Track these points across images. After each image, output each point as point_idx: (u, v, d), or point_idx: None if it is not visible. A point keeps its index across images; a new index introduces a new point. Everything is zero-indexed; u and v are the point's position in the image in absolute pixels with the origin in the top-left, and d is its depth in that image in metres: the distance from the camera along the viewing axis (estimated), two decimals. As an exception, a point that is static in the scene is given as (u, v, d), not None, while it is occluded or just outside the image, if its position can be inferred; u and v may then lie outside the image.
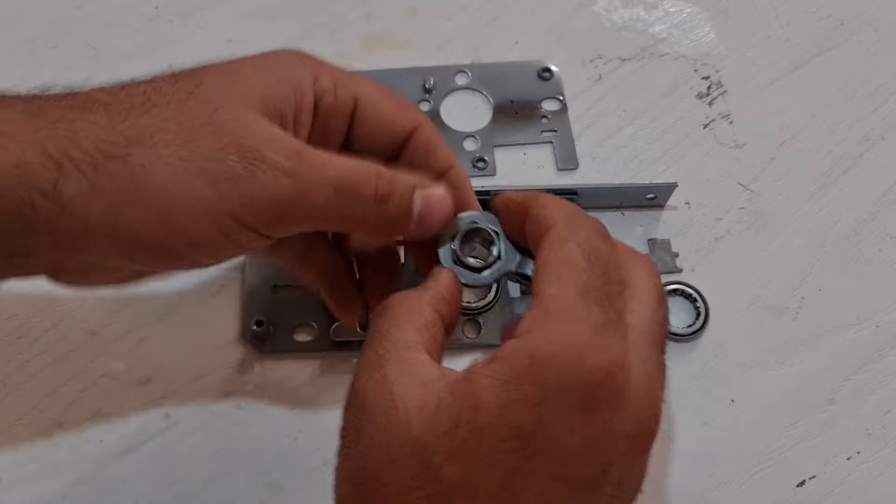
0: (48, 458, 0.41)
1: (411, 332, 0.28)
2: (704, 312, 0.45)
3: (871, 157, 0.51)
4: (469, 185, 0.35)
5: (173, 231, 0.27)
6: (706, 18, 0.57)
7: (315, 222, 0.30)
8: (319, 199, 0.28)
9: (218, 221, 0.27)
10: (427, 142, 0.33)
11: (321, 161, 0.29)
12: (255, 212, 0.28)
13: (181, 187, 0.27)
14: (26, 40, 0.54)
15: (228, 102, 0.29)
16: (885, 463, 0.43)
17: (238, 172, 0.27)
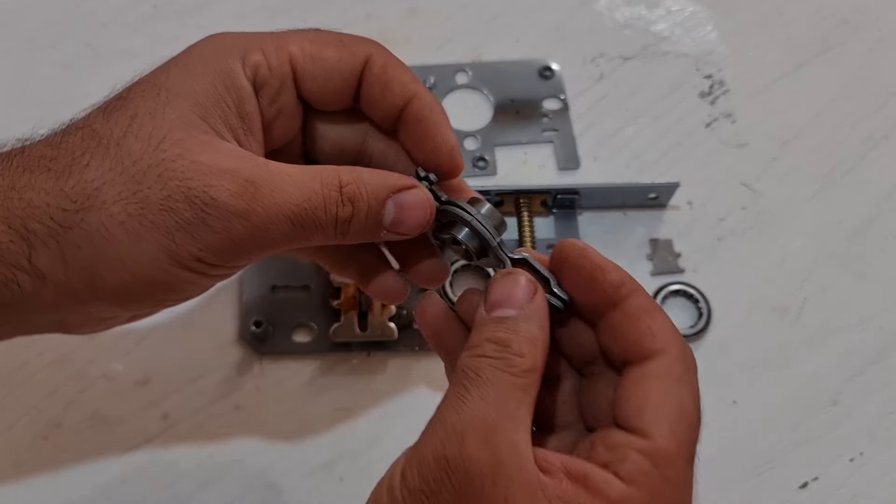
0: (47, 459, 0.41)
1: (521, 427, 0.24)
2: (707, 313, 0.45)
3: (875, 157, 0.51)
4: (441, 116, 0.31)
5: (149, 283, 0.28)
6: (708, 17, 0.56)
7: (277, 250, 0.29)
8: (277, 234, 0.28)
9: (185, 265, 0.27)
10: (380, 75, 0.31)
11: (274, 193, 0.27)
12: (215, 253, 0.27)
13: (141, 245, 0.27)
14: (25, 40, 0.54)
15: (168, 132, 0.27)
16: (887, 464, 0.42)
17: (190, 221, 0.27)
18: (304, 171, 0.28)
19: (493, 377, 0.24)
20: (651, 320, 0.26)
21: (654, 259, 0.47)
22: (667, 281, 0.46)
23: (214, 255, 0.27)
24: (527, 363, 0.25)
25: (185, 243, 0.27)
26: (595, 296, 0.27)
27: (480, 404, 0.24)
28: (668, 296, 0.46)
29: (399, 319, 0.44)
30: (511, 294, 0.26)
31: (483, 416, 0.24)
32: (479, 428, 0.23)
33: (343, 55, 0.30)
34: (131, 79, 0.31)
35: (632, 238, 0.48)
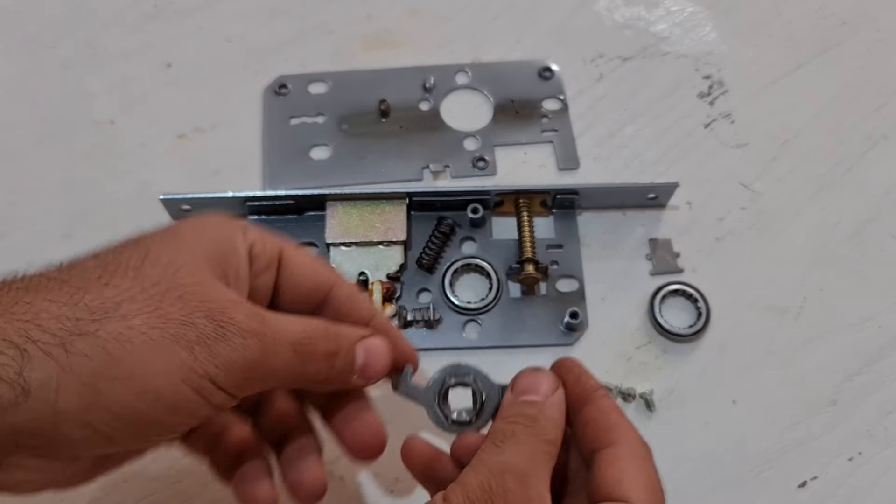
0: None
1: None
2: (706, 313, 0.45)
3: (874, 157, 0.51)
4: (396, 329, 0.36)
5: (154, 400, 0.27)
6: (708, 17, 0.56)
7: (275, 381, 0.31)
8: (281, 360, 0.30)
9: (195, 384, 0.28)
10: (349, 294, 0.34)
11: (279, 322, 0.30)
12: (228, 372, 0.28)
13: (159, 355, 0.27)
14: (26, 40, 0.54)
15: (183, 265, 0.29)
16: (886, 464, 0.42)
17: (210, 335, 0.28)
18: (294, 317, 0.31)
19: (525, 438, 0.30)
20: (618, 415, 0.32)
21: (654, 259, 0.47)
22: (666, 281, 0.46)
23: (226, 375, 0.28)
24: (550, 436, 0.31)
25: (202, 357, 0.28)
26: (579, 392, 0.33)
27: (517, 455, 0.30)
28: (667, 295, 0.46)
29: (399, 319, 0.44)
30: (538, 384, 0.33)
31: (519, 464, 0.29)
32: (516, 471, 0.29)
33: (321, 267, 0.34)
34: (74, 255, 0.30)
35: (631, 238, 0.48)
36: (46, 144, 0.51)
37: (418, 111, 0.52)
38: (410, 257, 0.46)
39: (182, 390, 0.27)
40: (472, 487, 0.28)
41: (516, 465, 0.29)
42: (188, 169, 0.50)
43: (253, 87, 0.53)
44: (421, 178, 0.50)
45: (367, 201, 0.46)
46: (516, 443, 0.30)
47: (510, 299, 0.46)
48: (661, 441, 0.43)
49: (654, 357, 0.45)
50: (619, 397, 0.43)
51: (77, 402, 0.26)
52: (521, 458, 0.30)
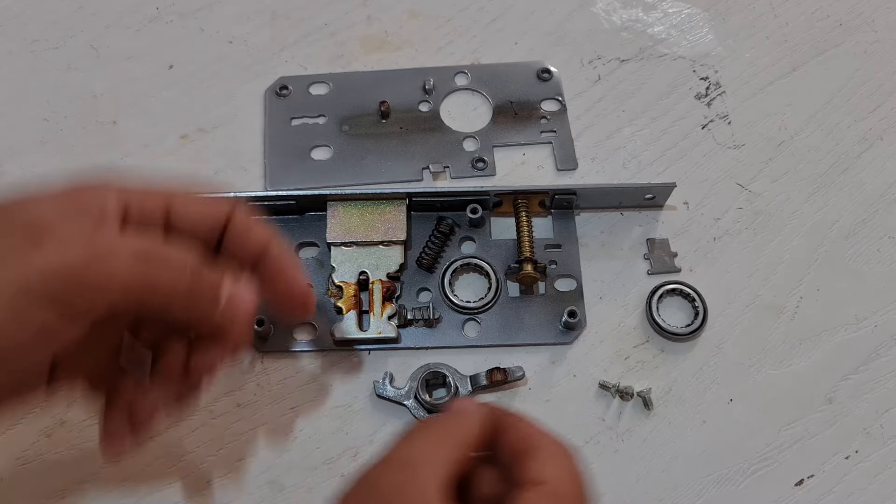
0: (49, 458, 0.42)
1: (442, 471, 0.28)
2: (703, 312, 0.45)
3: (870, 157, 0.51)
4: (291, 258, 0.35)
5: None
6: (705, 19, 0.57)
7: (118, 293, 0.28)
8: (119, 266, 0.27)
9: (10, 303, 0.25)
10: (241, 228, 0.33)
11: (120, 235, 0.28)
12: (47, 281, 0.26)
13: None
14: (28, 41, 0.55)
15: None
16: (882, 462, 0.43)
17: (25, 247, 0.26)
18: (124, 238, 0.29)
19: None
20: (538, 427, 0.30)
21: (651, 259, 0.48)
22: (663, 280, 0.47)
23: (44, 283, 0.26)
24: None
25: (16, 268, 0.26)
26: (498, 418, 0.31)
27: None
28: (664, 295, 0.46)
29: (399, 319, 0.45)
30: (461, 404, 0.31)
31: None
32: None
33: (209, 209, 0.33)
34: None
35: (629, 238, 0.48)
36: (50, 145, 0.51)
37: (418, 112, 0.53)
38: (410, 257, 0.47)
39: (17, 306, 0.25)
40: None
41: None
42: (190, 169, 0.50)
43: (254, 88, 0.53)
44: (421, 178, 0.50)
45: (367, 201, 0.46)
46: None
47: (509, 298, 0.46)
48: (659, 439, 0.43)
49: (652, 356, 0.45)
50: (617, 396, 0.44)
51: None
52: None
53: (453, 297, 0.46)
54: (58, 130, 0.52)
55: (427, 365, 0.43)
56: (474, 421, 0.30)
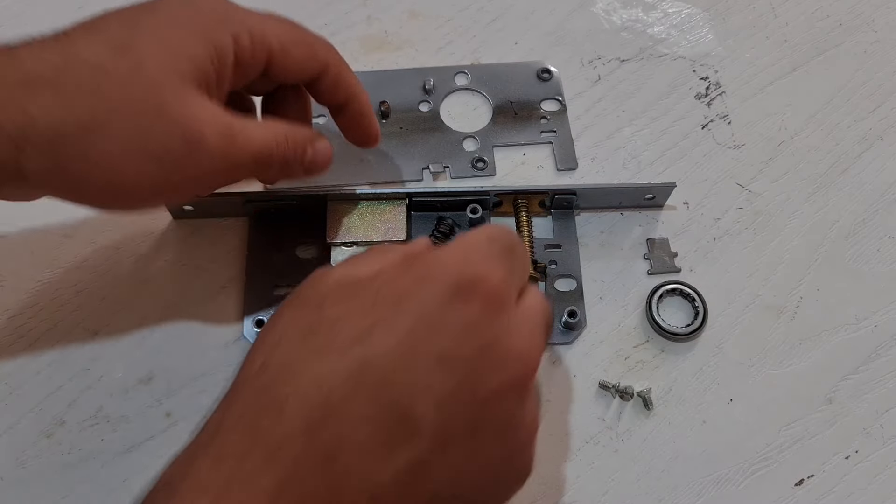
0: (49, 457, 0.42)
1: (376, 258, 0.32)
2: (703, 312, 0.46)
3: (870, 157, 0.51)
4: (369, 108, 0.43)
5: (123, 199, 0.35)
6: (705, 19, 0.57)
7: (235, 181, 0.38)
8: (242, 171, 0.37)
9: (159, 190, 0.34)
10: (334, 78, 0.40)
11: (246, 139, 0.35)
12: (192, 183, 0.35)
13: (133, 167, 0.33)
14: (28, 42, 0.55)
15: (168, 79, 0.33)
16: (883, 462, 0.43)
17: (182, 154, 0.33)
18: (259, 124, 0.37)
19: None
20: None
21: (651, 259, 0.48)
22: (663, 280, 0.47)
23: (189, 184, 0.35)
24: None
25: (171, 171, 0.33)
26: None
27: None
28: (664, 295, 0.46)
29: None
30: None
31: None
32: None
33: (310, 57, 0.39)
34: (62, 32, 0.35)
35: (629, 238, 0.48)
36: (49, 145, 0.51)
37: (418, 112, 0.53)
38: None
39: (147, 195, 0.35)
40: None
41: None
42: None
43: (254, 88, 0.53)
44: (421, 178, 0.50)
45: (367, 201, 0.46)
46: None
47: (509, 298, 0.46)
48: (659, 439, 0.43)
49: (652, 356, 0.45)
50: (617, 396, 0.44)
51: (63, 189, 0.34)
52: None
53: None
54: (58, 130, 0.51)
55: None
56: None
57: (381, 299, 0.29)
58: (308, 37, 0.39)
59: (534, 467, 0.32)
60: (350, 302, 0.29)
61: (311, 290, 0.31)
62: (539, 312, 0.31)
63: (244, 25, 0.36)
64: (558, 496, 0.41)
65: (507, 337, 0.28)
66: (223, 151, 0.34)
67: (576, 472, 0.42)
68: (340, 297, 0.29)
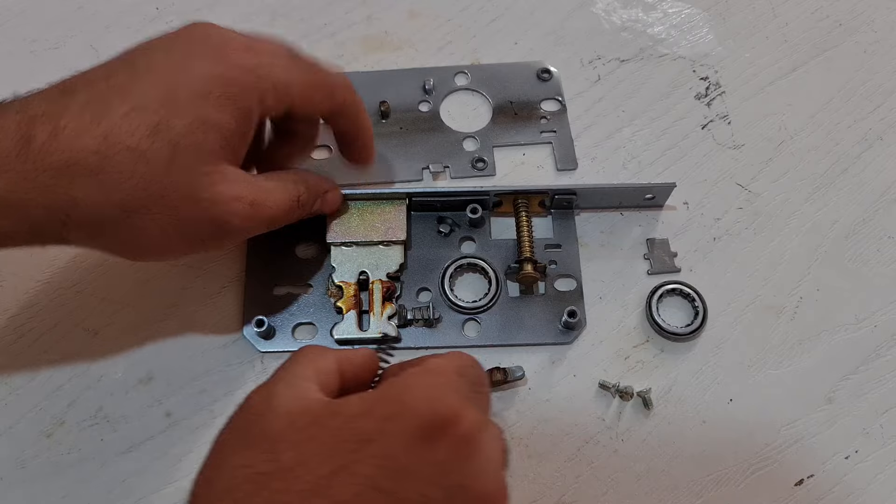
0: (50, 457, 0.42)
1: (310, 370, 0.31)
2: (703, 312, 0.46)
3: (870, 158, 0.51)
4: (370, 140, 0.44)
5: (150, 258, 0.39)
6: (705, 19, 0.57)
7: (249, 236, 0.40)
8: (255, 231, 0.39)
9: (184, 254, 0.40)
10: (348, 117, 0.42)
11: (264, 208, 0.38)
12: (215, 249, 0.41)
13: (165, 243, 0.36)
14: (28, 41, 0.55)
15: (201, 161, 0.35)
16: (882, 462, 0.43)
17: (210, 235, 0.37)
18: (277, 188, 0.39)
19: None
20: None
21: (651, 259, 0.48)
22: (663, 280, 0.47)
23: (215, 248, 0.41)
24: None
25: (200, 248, 0.38)
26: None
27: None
28: (664, 295, 0.46)
29: (399, 319, 0.45)
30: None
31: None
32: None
33: (326, 99, 0.40)
34: (111, 129, 0.34)
35: (629, 238, 0.48)
36: (49, 145, 0.51)
37: (418, 112, 0.53)
38: (410, 257, 0.47)
39: (182, 257, 0.44)
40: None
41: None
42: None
43: (254, 88, 0.53)
44: (421, 178, 0.50)
45: (367, 201, 0.46)
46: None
47: (509, 298, 0.46)
48: (659, 439, 0.43)
49: (652, 356, 0.45)
50: (617, 396, 0.44)
51: (106, 249, 0.37)
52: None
53: (453, 297, 0.46)
54: (58, 130, 0.51)
55: None
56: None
57: (341, 442, 0.26)
58: (327, 78, 0.40)
59: None
60: (307, 445, 0.26)
61: (258, 428, 0.28)
62: (501, 449, 0.29)
63: (269, 81, 0.37)
64: (558, 496, 0.41)
65: (475, 480, 0.27)
66: (246, 226, 0.37)
67: (576, 472, 0.42)
68: (295, 440, 0.27)
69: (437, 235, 0.47)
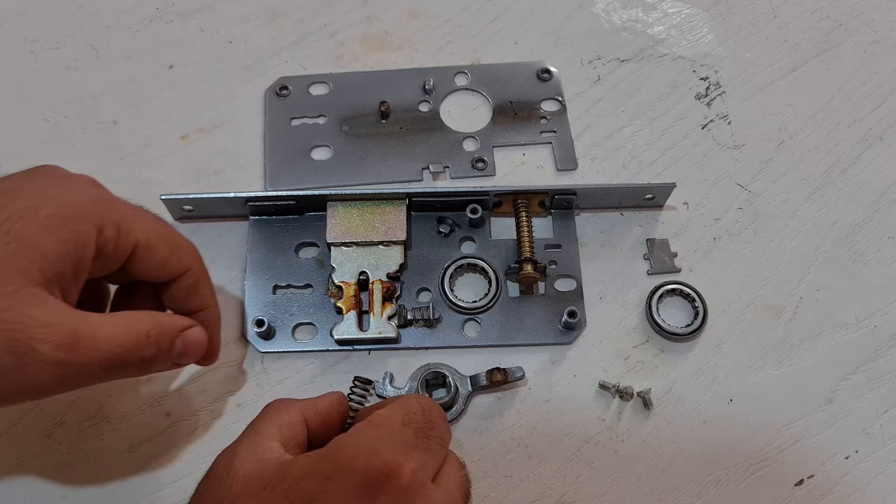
0: (50, 457, 0.42)
1: (273, 426, 0.32)
2: (703, 312, 0.46)
3: (870, 158, 0.51)
4: (217, 324, 0.40)
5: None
6: (705, 19, 0.57)
7: (84, 386, 0.34)
8: (88, 378, 0.33)
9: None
10: (192, 284, 0.38)
11: (94, 341, 0.32)
12: (23, 393, 0.31)
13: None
14: (28, 41, 0.55)
15: (6, 283, 0.30)
16: (882, 462, 0.43)
17: (8, 366, 0.30)
18: (117, 321, 0.33)
19: None
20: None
21: (651, 259, 0.48)
22: (663, 280, 0.47)
23: (24, 395, 0.32)
24: None
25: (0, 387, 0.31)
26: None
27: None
28: (664, 295, 0.46)
29: (399, 319, 0.45)
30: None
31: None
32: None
33: (174, 259, 0.37)
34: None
35: (629, 238, 0.48)
36: (50, 145, 0.51)
37: (418, 112, 0.53)
38: (410, 257, 0.47)
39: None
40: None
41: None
42: (190, 169, 0.50)
43: (254, 88, 0.53)
44: (421, 178, 0.50)
45: (367, 201, 0.46)
46: None
47: (509, 299, 0.46)
48: (659, 439, 0.43)
49: (652, 356, 0.45)
50: (617, 396, 0.44)
51: None
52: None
53: (453, 297, 0.46)
54: (58, 130, 0.52)
55: (427, 365, 0.43)
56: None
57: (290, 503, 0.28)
58: (176, 238, 0.37)
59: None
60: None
61: (218, 493, 0.30)
62: (456, 489, 0.30)
63: (111, 217, 0.34)
64: (558, 496, 0.41)
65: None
66: (60, 360, 0.31)
67: (576, 472, 0.42)
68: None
69: (437, 235, 0.48)
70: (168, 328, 0.35)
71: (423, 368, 0.43)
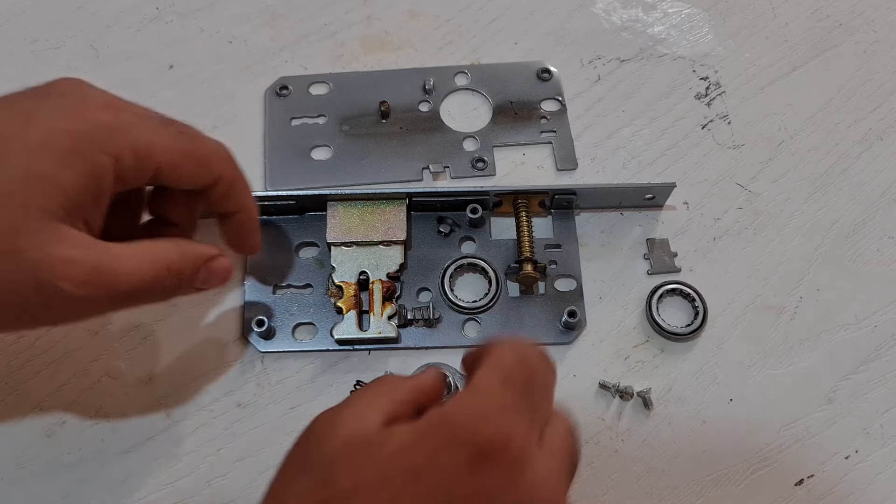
0: (50, 457, 0.42)
1: (383, 400, 0.30)
2: (703, 312, 0.46)
3: (870, 158, 0.51)
4: (256, 224, 0.40)
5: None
6: (705, 19, 0.57)
7: (103, 314, 0.35)
8: (110, 308, 0.34)
9: (7, 326, 0.33)
10: (226, 191, 0.38)
11: (115, 276, 0.32)
12: (47, 321, 0.34)
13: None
14: (28, 41, 0.55)
15: (29, 218, 0.31)
16: (882, 462, 0.43)
17: (34, 303, 0.31)
18: (140, 254, 0.34)
19: None
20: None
21: (651, 259, 0.48)
22: (663, 280, 0.47)
23: (49, 323, 0.34)
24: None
25: (26, 321, 0.33)
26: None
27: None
28: (664, 295, 0.46)
29: (399, 319, 0.45)
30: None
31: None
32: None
33: (200, 172, 0.36)
34: None
35: (629, 238, 0.48)
36: (49, 145, 0.51)
37: (418, 112, 0.53)
38: (410, 257, 0.47)
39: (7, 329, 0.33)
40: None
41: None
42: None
43: (254, 88, 0.53)
44: (421, 178, 0.50)
45: (367, 201, 0.46)
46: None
47: (509, 298, 0.46)
48: (659, 439, 0.43)
49: (652, 356, 0.45)
50: (617, 396, 0.44)
51: None
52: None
53: (453, 297, 0.46)
54: (58, 130, 0.51)
55: (427, 365, 0.43)
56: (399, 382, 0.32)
57: (394, 470, 0.26)
58: (202, 149, 0.36)
59: None
60: (361, 471, 0.27)
61: (318, 452, 0.28)
62: (565, 449, 0.29)
63: (129, 141, 0.33)
64: (558, 496, 0.41)
65: (532, 492, 0.27)
66: (84, 295, 0.31)
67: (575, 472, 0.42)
68: (351, 465, 0.27)
69: (437, 235, 0.48)
70: (192, 259, 0.35)
71: (423, 368, 0.43)
